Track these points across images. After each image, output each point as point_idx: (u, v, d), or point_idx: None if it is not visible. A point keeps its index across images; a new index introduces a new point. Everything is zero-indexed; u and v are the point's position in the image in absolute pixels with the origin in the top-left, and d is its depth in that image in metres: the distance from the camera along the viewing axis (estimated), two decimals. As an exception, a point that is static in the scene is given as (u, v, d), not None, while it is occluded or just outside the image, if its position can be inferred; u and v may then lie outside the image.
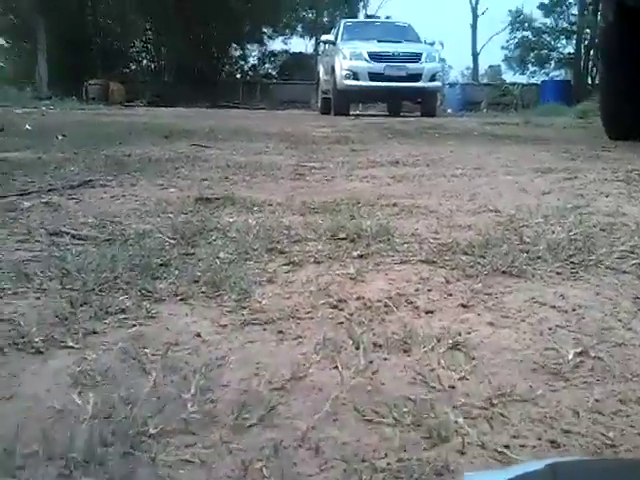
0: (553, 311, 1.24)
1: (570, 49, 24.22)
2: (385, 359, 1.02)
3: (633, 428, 0.83)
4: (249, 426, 0.84)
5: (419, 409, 0.86)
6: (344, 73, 12.42)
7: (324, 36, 15.49)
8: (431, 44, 13.90)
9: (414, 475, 0.72)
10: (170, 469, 0.75)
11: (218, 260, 1.59)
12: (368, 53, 12.53)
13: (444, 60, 14.08)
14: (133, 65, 25.98)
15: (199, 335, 1.15)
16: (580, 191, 2.84)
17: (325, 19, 26.93)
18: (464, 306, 1.26)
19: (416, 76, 12.47)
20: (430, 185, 3.08)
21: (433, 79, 12.82)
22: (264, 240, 1.80)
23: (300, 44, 27.52)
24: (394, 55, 12.58)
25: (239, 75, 25.61)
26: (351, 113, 12.99)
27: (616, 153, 4.77)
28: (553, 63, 24.75)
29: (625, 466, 0.50)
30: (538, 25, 24.44)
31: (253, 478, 0.73)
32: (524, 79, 23.87)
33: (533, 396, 0.90)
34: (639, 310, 1.25)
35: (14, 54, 25.63)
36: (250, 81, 24.42)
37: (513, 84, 21.17)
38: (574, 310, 1.24)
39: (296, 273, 1.54)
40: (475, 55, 29.00)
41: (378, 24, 16.89)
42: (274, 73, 26.45)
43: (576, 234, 1.86)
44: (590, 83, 21.97)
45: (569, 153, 4.75)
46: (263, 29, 25.59)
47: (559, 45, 24.52)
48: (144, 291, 1.36)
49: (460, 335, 1.09)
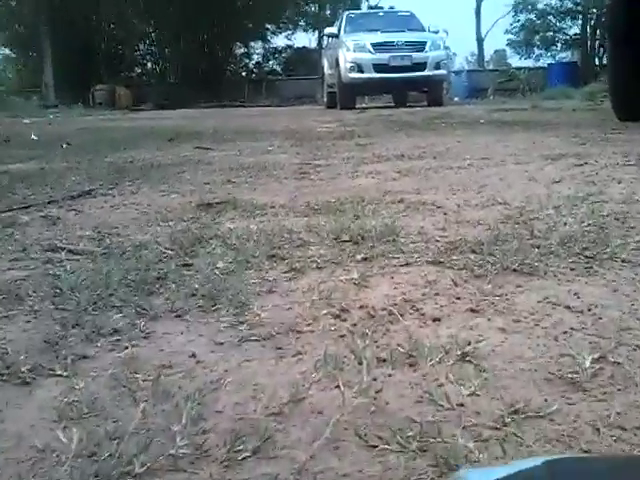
0: (568, 312, 1.17)
1: (576, 30, 23.85)
2: (389, 375, 0.96)
3: (659, 444, 0.76)
4: (243, 459, 0.78)
5: (426, 432, 0.79)
6: (348, 66, 12.31)
7: (327, 29, 15.38)
8: (435, 32, 13.64)
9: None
10: (157, 513, 0.69)
11: (217, 270, 1.53)
12: (372, 44, 12.40)
13: (448, 48, 13.85)
14: (138, 69, 25.99)
15: (194, 355, 1.09)
16: (591, 178, 2.76)
17: (328, 12, 26.75)
18: (473, 310, 1.20)
19: (421, 65, 12.33)
20: (437, 178, 3.01)
21: (438, 67, 12.67)
22: (265, 246, 1.74)
23: (304, 39, 27.41)
24: (398, 45, 12.44)
25: (244, 73, 25.52)
26: (357, 106, 12.89)
27: (626, 135, 4.67)
28: (559, 45, 24.40)
29: (623, 462, 0.49)
30: (542, 7, 24.10)
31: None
32: (530, 63, 23.57)
33: (549, 411, 0.83)
34: (659, 307, 1.18)
35: (20, 64, 25.71)
36: (255, 79, 24.33)
37: (519, 68, 20.93)
38: (590, 310, 1.17)
39: (297, 281, 1.48)
40: (480, 41, 28.71)
41: (381, 14, 16.72)
42: (279, 69, 26.33)
43: (589, 225, 1.79)
44: (597, 64, 21.66)
45: (579, 137, 4.66)
46: (266, 26, 25.48)
47: (564, 26, 24.16)
48: (139, 309, 1.31)
49: (469, 344, 1.03)
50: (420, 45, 12.61)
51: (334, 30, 14.30)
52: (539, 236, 1.69)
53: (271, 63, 26.78)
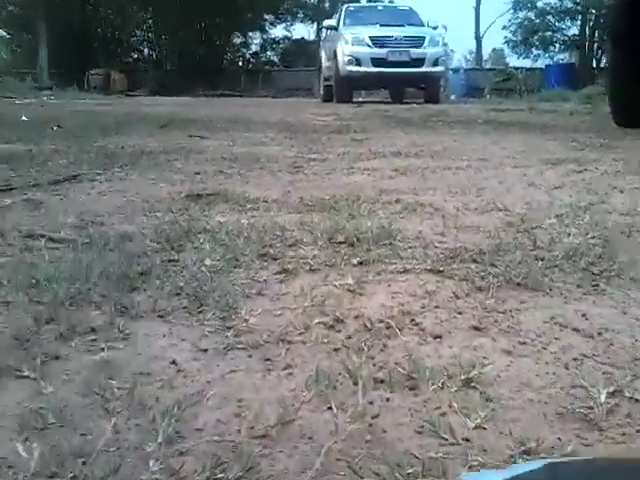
0: (577, 336, 1.10)
1: (575, 30, 23.71)
2: (387, 399, 0.88)
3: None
4: (223, 490, 0.70)
5: (428, 470, 0.72)
6: (346, 59, 12.20)
7: (326, 21, 15.22)
8: (434, 27, 13.54)
9: None
10: None
11: (204, 268, 1.45)
12: (370, 38, 12.29)
13: (447, 44, 13.75)
14: (135, 54, 25.69)
15: (175, 363, 1.01)
16: (592, 186, 2.70)
17: (327, 4, 26.55)
18: (476, 328, 1.12)
19: (419, 61, 12.22)
20: (434, 179, 2.93)
21: (436, 64, 12.57)
22: (256, 244, 1.65)
23: (302, 30, 27.22)
24: (396, 40, 12.33)
25: (241, 63, 25.29)
26: (353, 100, 12.79)
27: (626, 142, 4.61)
28: (557, 46, 24.27)
29: (622, 465, 0.49)
30: (542, 6, 23.91)
31: None
32: (528, 63, 23.45)
33: (563, 453, 0.75)
34: (672, 331, 1.11)
35: (15, 45, 25.37)
36: (252, 69, 24.12)
37: (517, 68, 20.84)
38: (600, 334, 1.10)
39: (289, 283, 1.40)
40: (478, 39, 28.54)
41: (380, 8, 16.61)
42: (276, 60, 26.12)
43: (593, 238, 1.71)
44: (595, 66, 21.61)
45: (577, 142, 4.60)
46: (264, 16, 25.26)
47: (563, 26, 24.00)
48: (119, 306, 1.23)
49: (474, 367, 0.95)
50: (419, 41, 12.50)
51: (333, 22, 14.16)
52: (542, 247, 1.61)
53: (269, 54, 26.57)
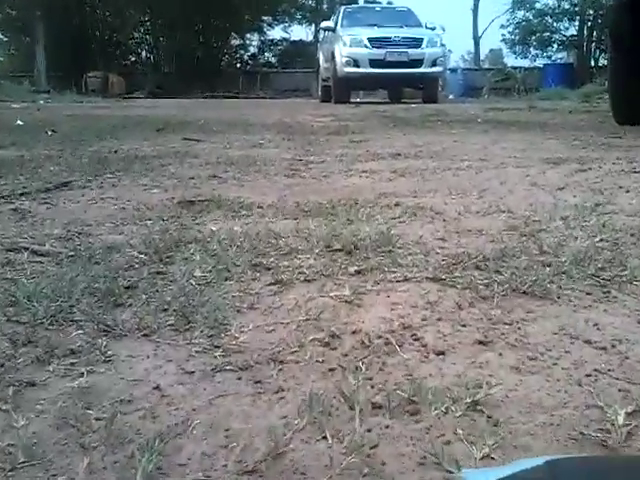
0: (589, 348, 1.02)
1: (572, 31, 23.68)
2: (387, 426, 0.80)
3: None
4: (205, 539, 0.63)
5: (431, 511, 0.65)
6: (344, 60, 12.16)
7: (324, 23, 15.18)
8: (432, 28, 13.48)
9: None
10: None
11: (193, 280, 1.38)
12: (368, 39, 12.25)
13: (445, 45, 13.69)
14: (132, 57, 25.67)
15: (158, 388, 0.94)
16: (597, 185, 2.62)
17: (325, 6, 26.50)
18: (481, 342, 1.05)
19: (417, 62, 12.20)
20: (434, 180, 2.86)
21: (434, 64, 12.54)
22: (249, 253, 1.58)
23: (300, 31, 27.15)
24: (395, 41, 12.31)
25: (239, 64, 25.27)
26: (352, 101, 12.74)
27: (628, 140, 4.54)
28: (555, 46, 24.23)
29: (623, 463, 0.49)
30: (540, 6, 23.90)
31: None
32: (526, 63, 23.40)
33: None
34: (691, 343, 1.04)
35: (12, 48, 25.33)
36: (250, 70, 24.07)
37: (515, 68, 20.80)
38: (614, 346, 1.03)
39: (283, 295, 1.33)
40: (476, 39, 28.49)
41: (378, 10, 16.58)
42: (274, 62, 26.08)
43: (601, 241, 1.65)
44: (593, 65, 21.56)
45: (579, 141, 4.53)
46: (262, 17, 25.22)
47: (561, 27, 23.98)
48: (102, 325, 1.15)
49: (480, 387, 0.88)
50: (417, 41, 12.47)
51: (331, 24, 14.13)
52: (549, 252, 1.54)
53: (266, 55, 26.56)
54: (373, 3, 23.77)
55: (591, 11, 22.36)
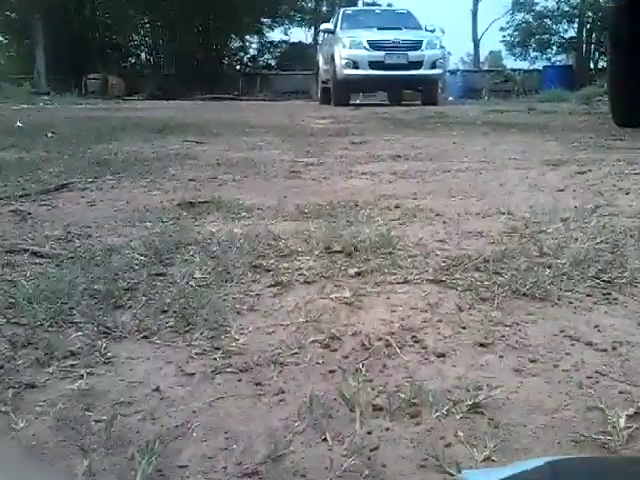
0: (590, 350, 1.02)
1: (572, 33, 23.73)
2: (387, 429, 0.80)
3: None
4: (205, 541, 0.63)
5: (432, 513, 0.64)
6: (344, 62, 12.15)
7: (323, 25, 15.16)
8: (432, 31, 13.47)
9: None
10: None
11: (193, 282, 1.38)
12: (368, 41, 12.25)
13: (444, 47, 13.69)
14: (132, 59, 25.68)
15: (158, 390, 0.94)
16: (597, 187, 2.62)
17: (325, 8, 26.53)
18: (482, 344, 1.04)
19: (417, 64, 12.20)
20: (434, 182, 2.86)
21: (434, 66, 12.53)
22: (249, 255, 1.58)
23: (300, 34, 27.20)
24: (394, 43, 12.30)
25: (238, 66, 25.28)
26: (351, 103, 12.74)
27: (627, 142, 4.54)
28: (554, 48, 24.28)
29: (624, 463, 0.49)
30: (539, 9, 23.95)
31: None
32: (525, 65, 23.45)
33: None
34: (692, 345, 1.04)
35: (12, 50, 25.34)
36: (250, 72, 24.09)
37: (514, 70, 20.82)
38: (614, 349, 1.03)
39: (283, 297, 1.32)
40: (476, 41, 28.50)
41: (378, 12, 16.55)
42: (274, 64, 26.09)
43: (602, 242, 1.64)
44: (592, 67, 21.59)
45: (579, 143, 4.53)
46: (262, 20, 25.25)
47: (560, 29, 24.04)
48: (102, 327, 1.15)
49: (481, 390, 0.88)
50: (416, 44, 12.47)
51: (330, 26, 14.11)
52: (549, 254, 1.54)
53: (266, 57, 26.57)
54: (373, 5, 23.79)
55: (590, 13, 22.43)
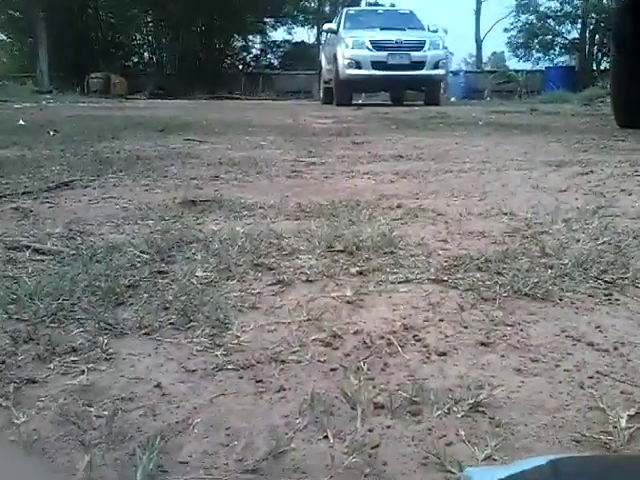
0: (591, 350, 1.02)
1: (575, 34, 23.75)
2: (388, 427, 0.80)
3: None
4: (205, 537, 0.63)
5: (433, 511, 0.64)
6: (346, 62, 12.17)
7: (326, 25, 15.18)
8: (434, 31, 13.48)
9: None
10: None
11: (195, 280, 1.38)
12: (371, 41, 12.27)
13: (447, 47, 13.71)
14: (135, 58, 25.72)
15: (159, 386, 0.94)
16: (599, 188, 2.62)
17: (327, 8, 26.54)
18: (483, 344, 1.04)
19: (419, 64, 12.22)
20: (436, 182, 2.86)
21: (437, 67, 12.55)
22: (250, 253, 1.58)
23: (303, 33, 27.20)
24: (397, 43, 12.32)
25: (241, 66, 25.32)
26: (353, 103, 12.75)
27: (630, 143, 4.54)
28: (557, 49, 24.28)
29: (626, 462, 0.49)
30: (543, 10, 23.97)
31: None
32: (528, 66, 23.46)
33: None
34: (693, 346, 1.04)
35: (15, 48, 25.37)
36: (252, 72, 24.12)
37: (517, 71, 20.82)
38: (616, 349, 1.03)
39: (284, 295, 1.32)
40: (479, 42, 28.53)
41: (381, 12, 16.56)
42: (276, 63, 26.12)
43: (604, 243, 1.64)
44: (595, 69, 21.58)
45: (581, 144, 4.53)
46: (265, 19, 25.27)
47: (563, 30, 24.05)
48: (103, 323, 1.15)
49: (482, 389, 0.88)
50: (419, 44, 12.49)
51: (333, 26, 14.13)
52: (551, 254, 1.54)
53: (269, 57, 26.60)
54: (375, 5, 23.79)
55: (594, 14, 22.42)
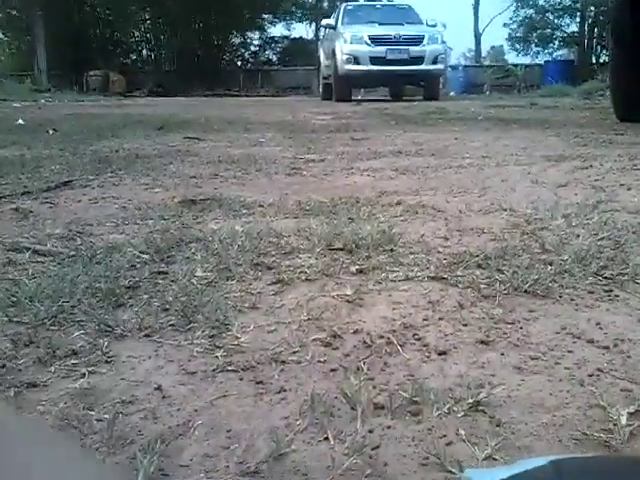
0: (591, 348, 1.02)
1: (574, 28, 23.71)
2: (388, 427, 0.80)
3: None
4: (207, 541, 0.63)
5: (433, 512, 0.64)
6: (345, 57, 12.15)
7: (324, 20, 15.15)
8: (433, 26, 13.47)
9: None
10: None
11: (195, 280, 1.38)
12: (369, 37, 12.25)
13: (446, 42, 13.69)
14: (133, 55, 25.65)
15: (160, 388, 0.94)
16: (598, 183, 2.62)
17: (326, 4, 26.47)
18: (483, 342, 1.04)
19: (418, 59, 12.20)
20: (436, 178, 2.86)
21: (435, 62, 12.53)
22: (250, 252, 1.58)
23: (301, 29, 27.15)
24: (396, 38, 12.30)
25: (240, 62, 25.26)
26: (353, 98, 12.73)
27: (629, 137, 4.53)
28: (557, 43, 24.27)
29: (628, 462, 0.48)
30: (542, 3, 23.95)
31: None
32: (527, 60, 23.44)
33: None
34: (694, 342, 1.04)
35: (13, 47, 25.33)
36: (251, 68, 24.08)
37: (516, 65, 20.78)
38: (616, 346, 1.03)
39: (284, 295, 1.32)
40: (477, 36, 28.45)
41: (379, 7, 16.51)
42: (275, 59, 26.07)
43: (603, 239, 1.64)
44: (594, 62, 21.55)
45: (580, 138, 4.52)
46: (263, 15, 25.21)
47: (562, 24, 24.03)
48: (103, 325, 1.15)
49: (482, 387, 0.88)
50: (418, 39, 12.47)
51: (331, 21, 14.11)
52: (551, 250, 1.54)
53: (267, 53, 26.53)
54: (374, 0, 23.75)
55: (592, 8, 22.37)
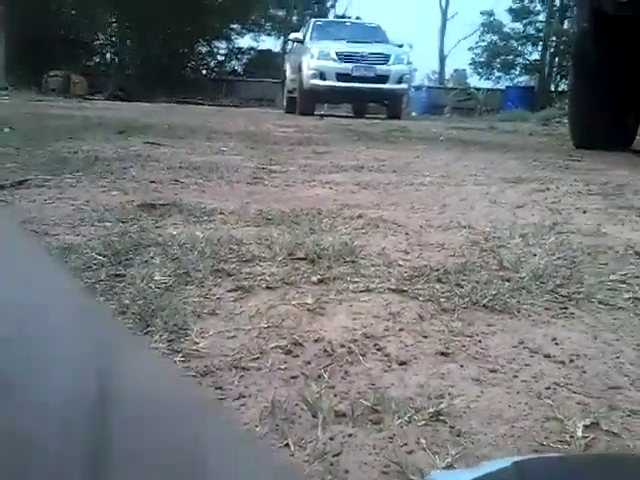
0: (548, 362, 1.04)
1: (536, 56, 24.38)
2: (350, 435, 0.80)
3: None
4: None
5: (392, 521, 0.64)
6: (311, 72, 12.21)
7: (293, 34, 15.22)
8: (400, 46, 13.67)
9: None
10: None
11: (153, 284, 1.35)
12: (336, 53, 12.34)
13: (411, 63, 13.91)
14: (97, 58, 25.32)
15: (115, 391, 0.92)
16: (555, 205, 2.68)
17: (295, 18, 26.63)
18: (443, 354, 1.05)
19: (384, 78, 12.33)
20: (397, 194, 2.88)
21: (400, 81, 12.69)
22: (210, 258, 1.57)
23: (269, 42, 27.22)
24: (362, 56, 12.42)
25: (205, 71, 25.16)
26: (316, 113, 12.80)
27: (586, 163, 4.65)
28: (518, 69, 24.90)
29: (592, 462, 0.49)
30: (507, 30, 24.58)
31: None
32: (489, 84, 23.96)
33: None
34: (645, 360, 1.06)
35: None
36: (216, 78, 24.00)
37: (478, 89, 21.20)
38: (572, 361, 1.04)
39: (244, 302, 1.31)
40: (442, 58, 29.00)
41: (348, 24, 16.67)
42: (240, 70, 26.04)
43: (559, 259, 1.67)
44: (553, 90, 22.13)
45: (538, 162, 4.62)
46: (232, 26, 25.20)
47: (525, 51, 24.69)
48: (57, 325, 1.12)
49: (442, 398, 0.88)
50: (384, 58, 12.61)
51: (300, 36, 14.17)
52: (509, 267, 1.56)
53: (233, 63, 26.48)
54: (343, 18, 23.97)
55: (554, 37, 23.02)
